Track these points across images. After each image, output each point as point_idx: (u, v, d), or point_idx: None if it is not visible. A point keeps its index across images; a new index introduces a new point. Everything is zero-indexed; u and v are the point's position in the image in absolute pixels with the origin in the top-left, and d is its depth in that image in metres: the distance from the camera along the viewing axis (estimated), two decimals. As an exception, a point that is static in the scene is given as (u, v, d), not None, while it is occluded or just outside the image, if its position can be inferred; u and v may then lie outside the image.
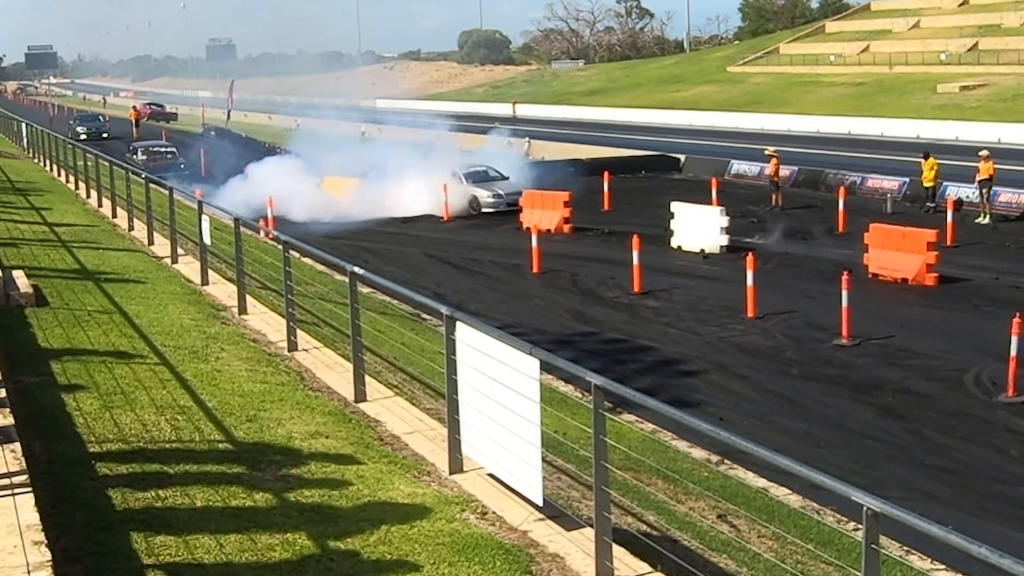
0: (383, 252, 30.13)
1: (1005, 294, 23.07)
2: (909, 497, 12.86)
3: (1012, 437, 15.02)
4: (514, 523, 8.05)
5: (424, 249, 30.72)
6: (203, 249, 17.90)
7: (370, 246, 30.77)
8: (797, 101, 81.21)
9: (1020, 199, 33.71)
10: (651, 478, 11.01)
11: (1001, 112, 64.27)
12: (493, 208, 37.69)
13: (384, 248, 30.79)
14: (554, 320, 22.52)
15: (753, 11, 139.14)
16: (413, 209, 37.38)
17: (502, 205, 37.54)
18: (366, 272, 11.64)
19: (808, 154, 48.47)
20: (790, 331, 20.89)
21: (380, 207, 36.51)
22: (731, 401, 16.95)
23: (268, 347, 13.63)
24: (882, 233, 25.45)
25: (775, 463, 6.09)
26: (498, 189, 38.46)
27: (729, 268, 26.01)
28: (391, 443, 9.87)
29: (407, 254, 30.04)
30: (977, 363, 18.18)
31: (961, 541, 4.79)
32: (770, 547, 9.67)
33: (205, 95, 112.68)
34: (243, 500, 7.97)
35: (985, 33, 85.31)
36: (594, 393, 7.24)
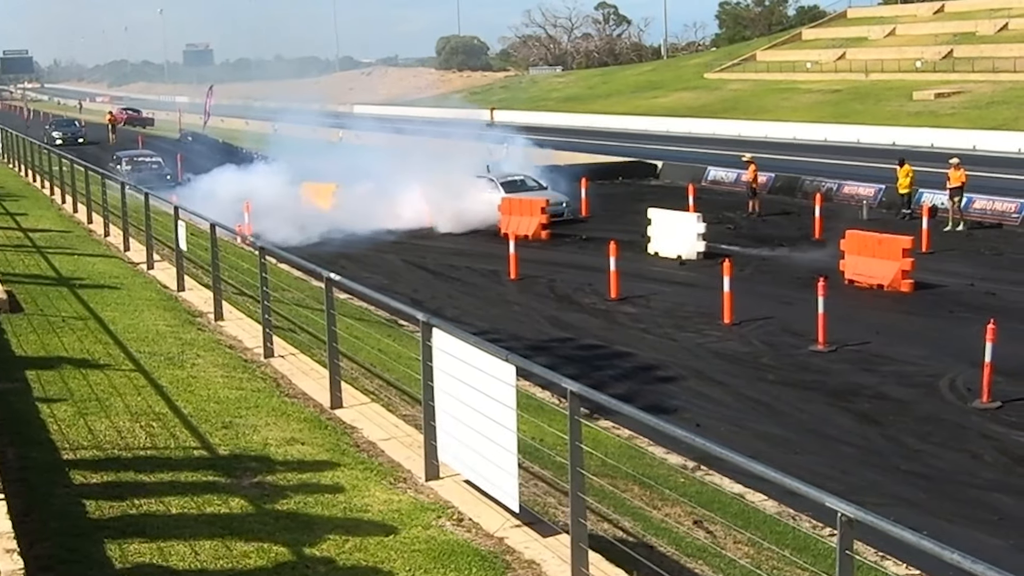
0: (360, 258, 30.08)
1: (980, 300, 23.20)
2: (885, 503, 12.92)
3: (986, 443, 15.10)
4: (490, 530, 8.04)
5: (401, 255, 30.69)
6: (179, 255, 17.84)
7: (347, 251, 30.69)
8: (774, 108, 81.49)
9: (994, 206, 33.93)
10: (627, 484, 11.01)
11: (976, 119, 64.63)
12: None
13: (361, 253, 30.72)
14: (531, 326, 22.53)
15: (730, 18, 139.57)
16: (408, 220, 35.35)
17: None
18: (342, 278, 11.62)
19: (785, 161, 48.65)
20: (767, 337, 20.96)
21: (371, 218, 34.37)
22: (708, 407, 16.98)
23: (244, 353, 13.58)
24: (858, 239, 25.55)
25: (750, 469, 6.10)
26: (526, 198, 36.00)
27: (706, 274, 26.09)
28: (367, 450, 9.85)
29: (385, 260, 30.01)
30: (952, 369, 18.27)
31: (934, 547, 4.81)
32: (746, 553, 9.69)
33: (182, 100, 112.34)
34: (218, 507, 7.93)
35: (960, 41, 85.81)
36: (570, 399, 7.24)
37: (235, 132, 71.82)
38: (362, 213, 34.18)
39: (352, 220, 33.60)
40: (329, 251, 29.49)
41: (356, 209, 34.51)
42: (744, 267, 26.73)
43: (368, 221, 33.72)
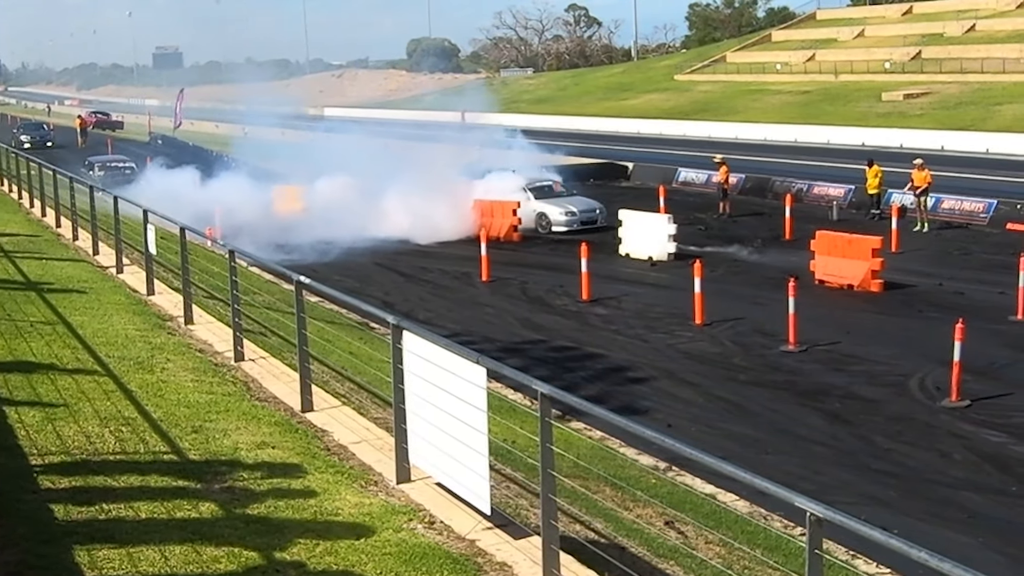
0: (331, 260, 29.97)
1: (949, 300, 23.35)
2: (855, 502, 12.98)
3: (956, 441, 15.19)
4: (462, 532, 8.03)
5: (373, 258, 30.61)
6: (148, 259, 17.75)
7: (323, 259, 30.57)
8: (744, 109, 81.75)
9: (963, 206, 34.16)
10: (599, 485, 11.02)
11: (944, 120, 65.03)
12: (565, 227, 34.25)
13: (332, 256, 30.61)
14: (503, 328, 22.53)
15: (700, 20, 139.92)
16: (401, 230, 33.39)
17: (575, 224, 34.42)
18: (312, 281, 11.58)
19: (755, 162, 48.82)
20: (738, 338, 21.03)
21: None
22: (679, 408, 17.02)
23: (214, 357, 13.52)
24: (828, 240, 25.68)
25: (721, 470, 6.11)
26: (570, 206, 35.17)
27: (677, 275, 26.16)
28: (338, 453, 9.82)
29: (356, 263, 29.91)
30: (922, 368, 18.38)
31: (902, 545, 4.83)
32: (717, 553, 9.71)
33: (152, 103, 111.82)
34: (188, 512, 7.89)
35: (928, 42, 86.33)
36: (540, 401, 7.24)
37: (206, 135, 71.52)
38: (356, 221, 32.85)
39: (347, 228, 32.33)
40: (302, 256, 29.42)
41: (349, 216, 33.04)
42: (715, 268, 26.81)
43: (363, 229, 32.49)
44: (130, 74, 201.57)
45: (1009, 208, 32.85)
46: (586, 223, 34.27)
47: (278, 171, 40.36)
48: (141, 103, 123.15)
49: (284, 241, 30.87)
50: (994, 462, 14.47)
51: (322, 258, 29.78)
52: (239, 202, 34.16)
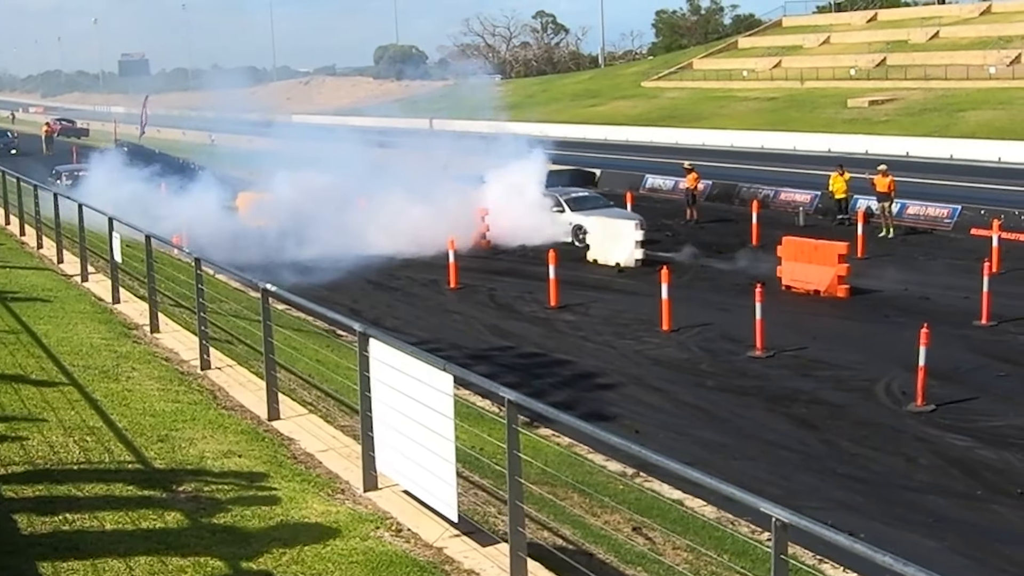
0: (300, 267, 29.78)
1: (914, 305, 23.50)
2: (823, 507, 13.03)
3: (921, 446, 15.28)
4: (429, 540, 8.01)
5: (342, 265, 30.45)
6: (114, 267, 17.63)
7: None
8: (711, 116, 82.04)
9: (927, 211, 34.40)
10: (567, 492, 11.02)
11: (909, 126, 65.48)
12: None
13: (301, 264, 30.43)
14: (472, 335, 22.52)
15: (666, 27, 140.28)
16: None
17: None
18: (279, 289, 11.53)
19: (722, 168, 49.02)
20: (705, 343, 21.09)
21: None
22: (647, 414, 17.06)
23: (181, 366, 13.44)
24: (794, 246, 25.81)
25: (686, 476, 6.12)
26: (607, 218, 32.62)
27: (644, 281, 26.23)
28: (305, 461, 9.78)
29: (325, 271, 29.74)
30: (887, 373, 18.49)
31: (866, 550, 4.86)
32: (685, 559, 9.73)
33: (118, 110, 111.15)
34: (154, 522, 7.84)
35: (893, 49, 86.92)
36: (507, 408, 7.24)
37: (172, 142, 71.20)
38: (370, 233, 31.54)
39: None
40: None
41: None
42: (682, 274, 26.90)
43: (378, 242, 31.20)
44: (96, 81, 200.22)
45: (973, 213, 33.10)
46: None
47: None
48: (107, 110, 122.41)
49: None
50: (960, 466, 14.57)
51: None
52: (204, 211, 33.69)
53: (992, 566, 11.81)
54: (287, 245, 30.34)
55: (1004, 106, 65.93)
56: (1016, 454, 14.84)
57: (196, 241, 26.15)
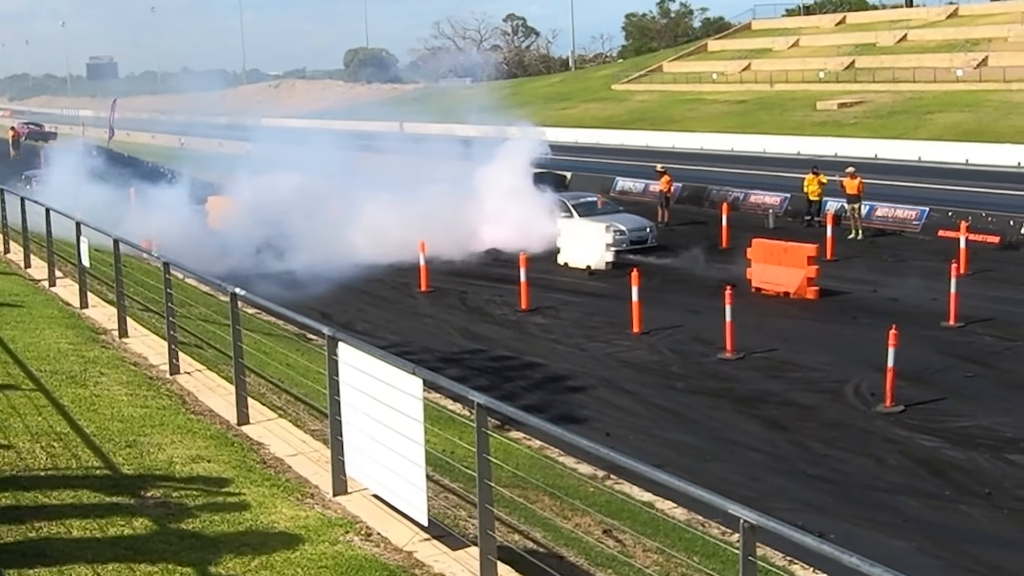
0: (269, 272, 29.66)
1: (883, 306, 23.63)
2: (793, 508, 13.10)
3: (890, 446, 15.37)
4: (399, 544, 7.99)
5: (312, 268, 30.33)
6: (82, 271, 17.51)
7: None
8: (681, 118, 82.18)
9: (896, 213, 34.58)
10: (538, 495, 11.03)
11: (878, 128, 65.78)
12: (615, 248, 30.34)
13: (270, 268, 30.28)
14: (442, 338, 22.52)
15: (636, 29, 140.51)
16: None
17: (624, 244, 31.20)
18: (248, 293, 11.49)
19: (692, 170, 49.12)
20: (675, 346, 21.15)
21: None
22: (618, 416, 17.09)
23: (149, 370, 13.36)
24: (764, 248, 25.92)
25: (655, 478, 6.13)
26: (619, 224, 31.88)
27: (615, 284, 26.28)
28: (274, 466, 9.74)
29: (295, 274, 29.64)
30: (857, 374, 18.59)
31: (833, 551, 4.88)
32: (655, 561, 9.75)
33: (86, 114, 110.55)
34: (122, 528, 7.79)
35: (861, 52, 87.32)
36: (476, 411, 7.24)
37: (142, 146, 70.86)
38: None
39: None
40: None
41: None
42: (653, 277, 26.95)
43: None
44: (64, 84, 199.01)
45: (941, 215, 33.30)
46: (636, 243, 31.78)
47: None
48: (75, 114, 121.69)
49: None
50: (928, 467, 14.66)
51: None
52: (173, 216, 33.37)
53: (960, 566, 11.89)
54: (255, 249, 30.21)
55: (971, 108, 66.36)
56: (984, 454, 14.95)
57: (166, 246, 25.98)
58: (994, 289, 25.10)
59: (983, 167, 50.49)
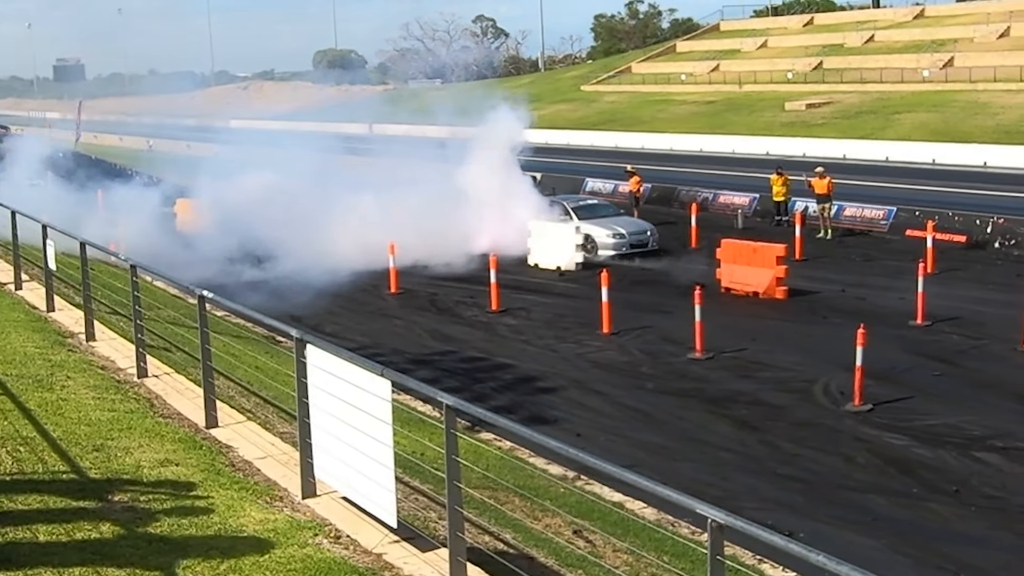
0: (235, 273, 29.49)
1: (851, 306, 23.75)
2: (763, 507, 13.13)
3: (859, 445, 15.44)
4: (368, 546, 7.97)
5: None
6: (48, 274, 17.39)
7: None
8: (650, 119, 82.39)
9: (864, 213, 34.76)
10: (508, 496, 11.01)
11: (846, 129, 66.13)
12: (614, 251, 30.78)
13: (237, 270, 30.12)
14: (413, 340, 22.47)
15: (605, 31, 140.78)
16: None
17: (624, 247, 31.03)
18: (216, 296, 11.43)
19: (661, 171, 49.26)
20: (645, 346, 21.18)
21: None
22: (588, 417, 17.10)
23: (117, 374, 13.28)
24: (733, 248, 26.00)
25: (624, 479, 6.13)
26: (618, 227, 31.76)
27: (585, 285, 26.30)
28: (243, 469, 9.69)
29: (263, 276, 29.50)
30: (826, 374, 18.66)
31: (800, 550, 4.89)
32: (625, 561, 9.75)
33: (53, 116, 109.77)
34: (89, 532, 7.73)
35: (829, 53, 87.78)
36: (445, 413, 7.22)
37: (109, 148, 70.48)
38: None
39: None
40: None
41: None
42: (622, 277, 26.99)
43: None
44: (30, 86, 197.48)
45: (908, 215, 33.50)
46: (636, 246, 31.23)
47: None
48: (42, 116, 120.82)
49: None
50: (897, 465, 14.73)
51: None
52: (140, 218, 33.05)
53: (929, 564, 11.94)
54: (224, 251, 29.98)
55: (938, 108, 66.84)
56: (951, 452, 15.03)
57: (133, 248, 25.77)
58: (961, 288, 25.28)
59: (950, 167, 50.88)
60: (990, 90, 67.32)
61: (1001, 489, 13.84)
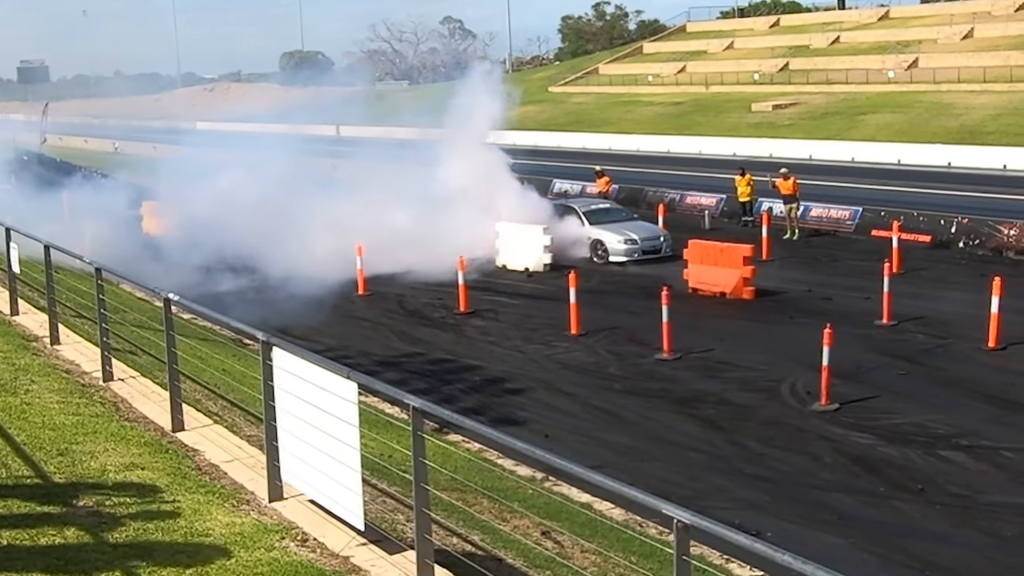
0: (203, 274, 29.29)
1: (817, 306, 23.86)
2: (731, 507, 13.19)
3: (826, 444, 15.51)
4: (335, 549, 7.94)
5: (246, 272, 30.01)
6: (11, 278, 17.26)
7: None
8: (617, 120, 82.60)
9: (830, 214, 34.94)
10: (476, 498, 11.01)
11: (812, 129, 66.50)
12: (625, 257, 30.12)
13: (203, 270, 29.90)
14: (380, 342, 22.43)
15: (572, 32, 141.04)
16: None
17: (636, 253, 30.28)
18: (182, 298, 11.37)
19: (628, 172, 49.37)
20: (613, 347, 21.22)
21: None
22: (556, 418, 17.11)
23: (82, 378, 13.19)
24: (700, 249, 26.07)
25: (591, 480, 6.14)
26: (630, 233, 30.84)
27: (553, 286, 26.34)
28: (209, 472, 9.65)
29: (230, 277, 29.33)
30: (792, 373, 18.75)
31: (766, 549, 4.91)
32: (593, 562, 9.76)
33: (17, 118, 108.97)
34: (53, 538, 7.67)
35: (795, 54, 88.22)
36: (412, 415, 7.21)
37: (75, 151, 70.02)
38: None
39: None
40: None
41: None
42: (590, 278, 27.02)
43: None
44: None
45: (874, 215, 33.70)
46: (648, 252, 30.41)
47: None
48: (5, 118, 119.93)
49: None
50: (863, 464, 14.81)
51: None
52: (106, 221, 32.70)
53: (895, 561, 12.01)
54: (190, 252, 29.73)
55: (903, 109, 67.28)
56: (917, 451, 15.13)
57: (99, 252, 25.54)
58: (926, 288, 25.45)
59: (915, 167, 51.26)
60: (954, 91, 67.83)
61: (966, 487, 13.94)
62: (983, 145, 53.72)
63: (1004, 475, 14.32)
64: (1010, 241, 29.85)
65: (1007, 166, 49.23)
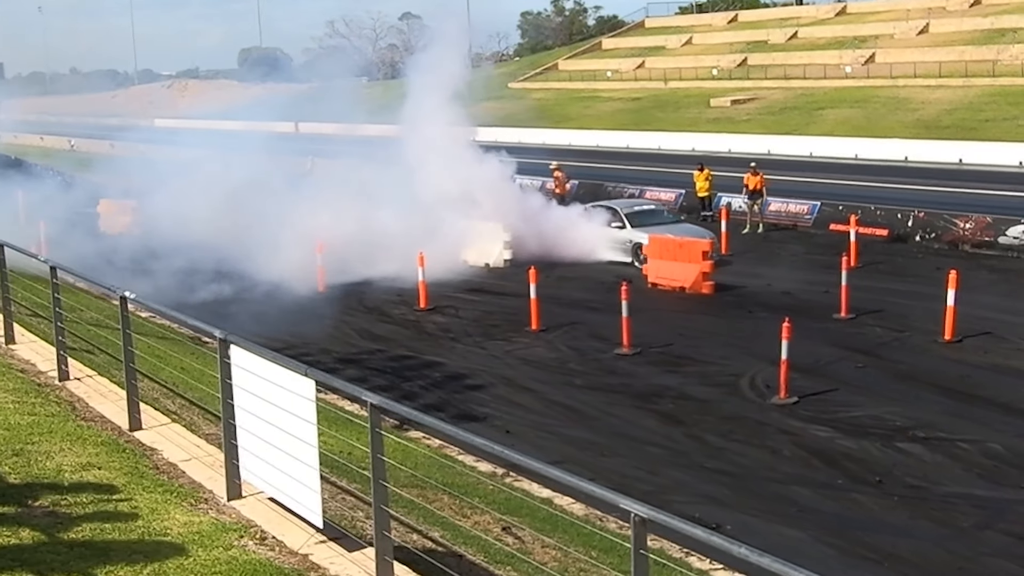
0: (162, 273, 29.05)
1: (776, 300, 23.98)
2: (691, 501, 13.24)
3: (785, 438, 15.60)
4: (294, 547, 7.91)
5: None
6: (-35, 278, 17.05)
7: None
8: (577, 116, 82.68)
9: (788, 208, 35.14)
10: (437, 494, 10.99)
11: (770, 125, 66.86)
12: None
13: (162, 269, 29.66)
14: (341, 339, 22.35)
15: (531, 28, 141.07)
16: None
17: None
18: (139, 297, 11.28)
19: (588, 168, 49.46)
20: (573, 342, 21.25)
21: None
22: (517, 414, 17.11)
23: (37, 377, 13.07)
24: (659, 244, 26.16)
25: (550, 475, 6.14)
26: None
27: (513, 281, 26.29)
28: (167, 471, 9.58)
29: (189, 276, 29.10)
30: (752, 367, 18.84)
31: (723, 542, 4.93)
32: (553, 557, 9.77)
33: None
34: (7, 538, 7.59)
35: (753, 49, 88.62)
36: (370, 412, 7.19)
37: (30, 148, 69.36)
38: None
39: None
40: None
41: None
42: (550, 274, 27.02)
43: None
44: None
45: (832, 209, 33.91)
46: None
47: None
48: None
49: None
50: (821, 457, 14.90)
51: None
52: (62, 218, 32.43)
53: (854, 554, 12.09)
54: (148, 252, 29.50)
55: (860, 104, 67.72)
56: (875, 443, 15.24)
57: (54, 250, 25.34)
58: (883, 281, 25.64)
59: (872, 162, 51.65)
60: (910, 86, 68.35)
61: (923, 479, 14.06)
62: (939, 139, 54.15)
63: (960, 466, 14.46)
64: (966, 234, 30.13)
65: (963, 160, 49.67)
